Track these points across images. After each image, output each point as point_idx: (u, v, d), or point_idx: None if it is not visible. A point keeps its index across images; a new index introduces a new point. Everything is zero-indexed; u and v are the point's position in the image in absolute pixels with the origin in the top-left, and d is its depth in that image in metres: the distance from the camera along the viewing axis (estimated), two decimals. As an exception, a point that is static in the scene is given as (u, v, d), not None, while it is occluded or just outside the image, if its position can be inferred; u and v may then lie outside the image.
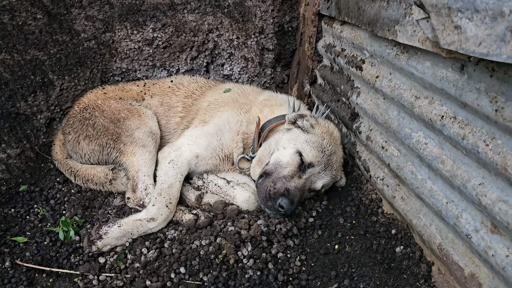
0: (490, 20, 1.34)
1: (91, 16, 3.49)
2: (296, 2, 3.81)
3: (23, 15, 3.16)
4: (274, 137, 2.73)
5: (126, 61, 3.76)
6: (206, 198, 2.67)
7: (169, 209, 2.51)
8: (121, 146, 2.86)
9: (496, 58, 1.33)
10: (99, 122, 2.95)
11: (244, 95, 3.16)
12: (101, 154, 2.95)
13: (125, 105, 3.09)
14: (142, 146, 2.84)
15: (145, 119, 3.02)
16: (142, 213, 2.47)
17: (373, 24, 2.43)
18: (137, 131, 2.90)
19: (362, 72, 2.75)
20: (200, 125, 2.95)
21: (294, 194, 2.37)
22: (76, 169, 2.97)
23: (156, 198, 2.53)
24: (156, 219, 2.45)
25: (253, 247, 2.28)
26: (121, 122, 2.94)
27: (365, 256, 2.29)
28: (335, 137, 2.76)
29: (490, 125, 1.64)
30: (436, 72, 1.93)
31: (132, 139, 2.85)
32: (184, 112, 3.22)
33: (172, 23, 3.67)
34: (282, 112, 2.87)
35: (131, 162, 2.78)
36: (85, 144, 2.96)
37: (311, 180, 2.53)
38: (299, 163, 2.50)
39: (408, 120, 2.27)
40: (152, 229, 2.45)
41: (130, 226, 2.41)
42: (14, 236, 2.48)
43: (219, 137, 2.85)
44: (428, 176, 2.12)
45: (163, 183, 2.60)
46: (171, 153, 2.76)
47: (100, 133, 2.91)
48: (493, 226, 1.69)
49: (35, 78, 3.21)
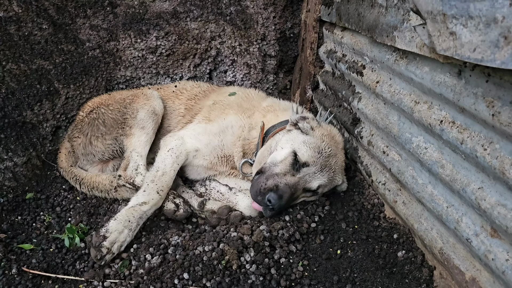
0: (483, 26, 1.36)
1: (95, 25, 3.55)
2: (297, 9, 3.85)
3: (29, 25, 3.22)
4: (274, 138, 2.76)
5: (130, 69, 3.81)
6: (209, 204, 2.70)
7: (160, 195, 2.61)
8: (127, 129, 2.98)
9: (490, 64, 1.35)
10: (108, 117, 3.07)
11: (248, 100, 3.20)
12: (116, 145, 3.07)
13: (129, 92, 3.24)
14: (141, 128, 2.96)
15: (151, 98, 3.14)
16: (134, 199, 2.58)
17: (373, 30, 2.45)
18: (141, 111, 3.02)
19: (363, 77, 2.77)
20: (203, 121, 3.01)
21: (283, 190, 2.41)
22: (81, 177, 3.01)
23: (148, 184, 2.63)
24: (148, 203, 2.55)
25: (255, 252, 2.29)
26: (127, 108, 3.07)
27: (367, 261, 2.30)
28: (336, 140, 2.76)
29: (488, 129, 1.65)
30: (435, 77, 1.95)
31: (135, 121, 2.97)
32: (186, 111, 3.30)
33: (175, 31, 3.72)
34: (286, 117, 2.90)
35: (130, 143, 2.92)
36: (99, 142, 3.06)
37: (305, 179, 2.53)
38: (292, 161, 2.53)
39: (408, 125, 2.29)
40: (146, 211, 2.54)
41: (125, 214, 2.46)
42: (20, 243, 2.52)
43: (220, 138, 2.92)
44: (428, 181, 2.13)
45: (158, 170, 2.70)
46: (172, 142, 2.85)
47: (112, 128, 3.02)
48: (493, 230, 1.69)
49: (41, 87, 3.26)
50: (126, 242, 2.40)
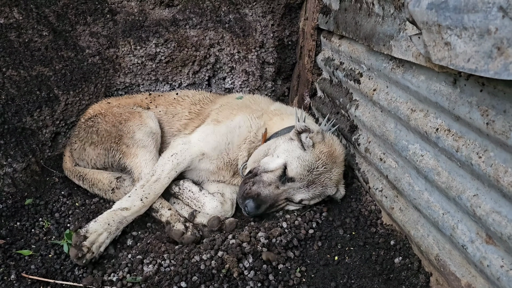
0: (477, 37, 1.39)
1: (95, 32, 3.58)
2: (295, 17, 3.89)
3: (29, 32, 3.25)
4: (275, 141, 2.76)
5: (129, 76, 3.84)
6: (199, 217, 2.73)
7: (143, 203, 2.60)
8: (123, 148, 2.93)
9: (484, 74, 1.38)
10: (102, 128, 3.04)
11: (256, 103, 3.23)
12: (107, 157, 3.02)
13: (126, 109, 3.18)
14: (143, 146, 2.92)
15: (146, 119, 3.10)
16: (117, 203, 2.60)
17: (369, 38, 2.49)
18: (138, 132, 2.97)
19: (360, 85, 2.80)
20: (212, 123, 3.01)
21: (263, 200, 2.53)
22: (84, 173, 3.06)
23: (136, 189, 2.64)
24: (129, 209, 2.56)
25: (254, 259, 2.31)
26: (122, 124, 3.01)
27: (365, 267, 2.32)
28: (335, 156, 2.70)
29: (483, 137, 1.68)
30: (430, 86, 1.98)
31: (133, 141, 2.92)
32: (192, 115, 3.29)
33: (175, 38, 3.75)
34: (291, 122, 2.89)
35: (134, 164, 2.87)
36: (91, 149, 3.04)
37: (289, 192, 2.60)
38: (281, 174, 2.57)
39: (404, 132, 2.31)
40: (127, 217, 2.55)
41: (106, 217, 2.50)
42: (19, 249, 2.52)
43: (228, 140, 2.91)
44: (424, 188, 2.15)
45: (153, 174, 2.71)
46: (179, 145, 2.86)
47: (104, 138, 2.99)
48: (488, 236, 1.71)
49: (41, 93, 3.29)
50: (105, 244, 2.45)
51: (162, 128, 3.27)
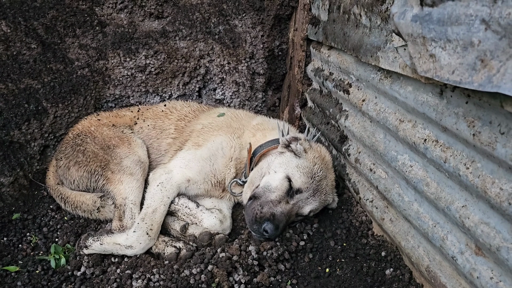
0: (461, 49, 1.40)
1: (84, 44, 3.56)
2: (285, 28, 3.91)
3: (17, 45, 3.23)
4: (266, 160, 2.74)
5: (119, 88, 3.82)
6: (191, 229, 2.68)
7: (149, 236, 2.53)
8: (108, 173, 2.85)
9: (468, 86, 1.38)
10: (90, 149, 2.97)
11: (238, 120, 3.18)
12: (89, 181, 2.94)
13: (116, 133, 3.10)
14: (130, 174, 2.83)
15: (135, 147, 3.03)
16: (123, 237, 2.52)
17: (357, 50, 2.50)
18: (126, 160, 2.90)
19: (349, 95, 2.81)
20: (193, 148, 2.96)
21: (279, 220, 2.40)
22: (66, 195, 2.97)
23: (138, 223, 2.56)
24: (134, 248, 2.50)
25: (244, 272, 2.28)
26: (111, 149, 2.95)
27: (356, 279, 2.30)
28: (327, 161, 2.76)
29: (470, 148, 1.68)
30: (418, 96, 1.98)
31: (120, 167, 2.85)
32: (177, 133, 3.23)
33: (164, 50, 3.75)
34: (274, 136, 2.88)
35: (118, 190, 2.77)
36: (74, 170, 2.96)
37: (298, 205, 2.54)
38: (288, 188, 2.52)
39: (393, 143, 2.32)
40: (130, 254, 2.52)
41: (110, 247, 2.52)
42: (6, 265, 2.48)
43: (212, 163, 2.86)
44: (414, 198, 2.15)
45: (148, 207, 2.64)
46: (162, 176, 2.78)
47: (89, 160, 2.92)
48: (477, 248, 1.71)
49: (29, 106, 3.25)
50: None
51: (151, 145, 3.23)
